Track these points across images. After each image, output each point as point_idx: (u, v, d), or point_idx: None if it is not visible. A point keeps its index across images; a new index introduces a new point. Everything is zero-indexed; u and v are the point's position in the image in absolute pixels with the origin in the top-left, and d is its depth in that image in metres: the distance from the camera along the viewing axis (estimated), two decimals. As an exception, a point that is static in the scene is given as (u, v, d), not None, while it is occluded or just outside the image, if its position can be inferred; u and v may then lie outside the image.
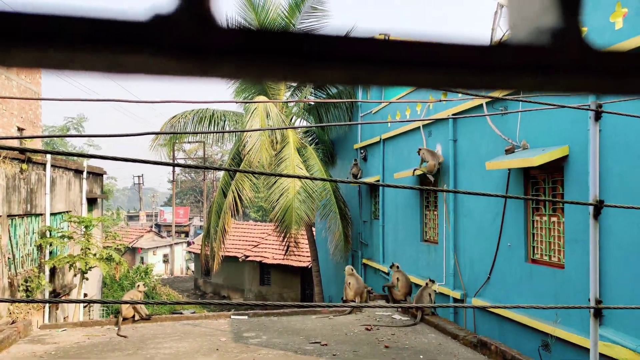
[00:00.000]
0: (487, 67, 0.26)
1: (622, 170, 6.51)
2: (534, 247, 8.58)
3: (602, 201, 2.53)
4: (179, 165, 2.01)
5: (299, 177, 2.51)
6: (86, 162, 17.95)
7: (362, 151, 16.38)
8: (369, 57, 0.24)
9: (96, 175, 18.93)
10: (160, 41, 0.23)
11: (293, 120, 18.05)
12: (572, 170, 7.43)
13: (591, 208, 2.65)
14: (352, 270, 12.08)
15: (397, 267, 11.26)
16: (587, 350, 6.82)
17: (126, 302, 2.10)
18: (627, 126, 6.44)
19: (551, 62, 0.26)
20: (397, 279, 11.20)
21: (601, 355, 6.33)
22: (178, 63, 0.24)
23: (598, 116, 2.58)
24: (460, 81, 0.27)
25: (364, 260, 16.47)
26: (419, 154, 11.31)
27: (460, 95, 10.31)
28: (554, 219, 8.11)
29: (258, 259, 27.69)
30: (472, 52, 0.26)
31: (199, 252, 24.01)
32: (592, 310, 2.61)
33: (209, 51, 0.24)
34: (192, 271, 41.21)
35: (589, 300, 2.75)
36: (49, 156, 13.71)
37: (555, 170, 7.93)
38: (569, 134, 7.46)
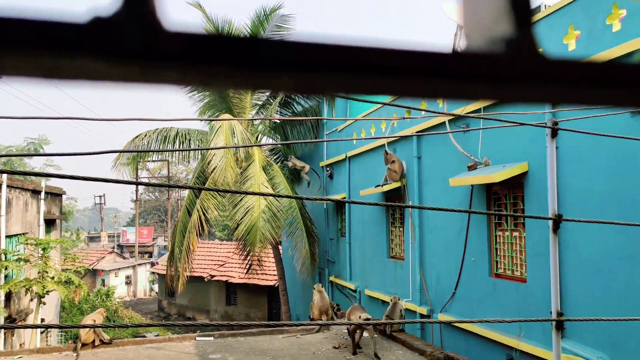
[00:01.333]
0: (441, 75, 0.26)
1: (580, 185, 6.69)
2: (497, 261, 8.71)
3: (561, 215, 2.58)
4: (142, 183, 1.96)
5: (264, 195, 2.49)
6: (44, 182, 17.50)
7: (328, 169, 16.43)
8: (319, 62, 0.23)
9: (55, 195, 18.46)
10: (100, 45, 0.22)
11: (259, 139, 18.01)
12: (531, 185, 7.60)
13: (550, 222, 2.71)
14: (321, 287, 12.05)
15: (318, 286, 11.41)
16: (551, 363, 6.93)
17: (86, 326, 2.02)
18: (583, 143, 6.63)
19: (505, 71, 0.26)
20: (315, 299, 11.32)
21: (564, 367, 6.43)
22: (119, 68, 0.23)
23: (554, 133, 2.65)
24: (413, 88, 0.26)
25: (331, 278, 16.43)
26: (385, 156, 11.40)
27: (423, 113, 10.48)
28: (515, 233, 8.26)
29: (224, 278, 27.33)
30: (426, 59, 0.25)
31: (163, 272, 23.59)
32: (554, 323, 2.65)
33: (151, 56, 0.22)
34: (156, 292, 40.36)
35: (551, 313, 2.79)
36: (4, 176, 13.31)
37: (515, 186, 8.10)
38: (528, 150, 7.64)
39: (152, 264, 44.54)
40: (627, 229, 5.98)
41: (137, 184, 2.25)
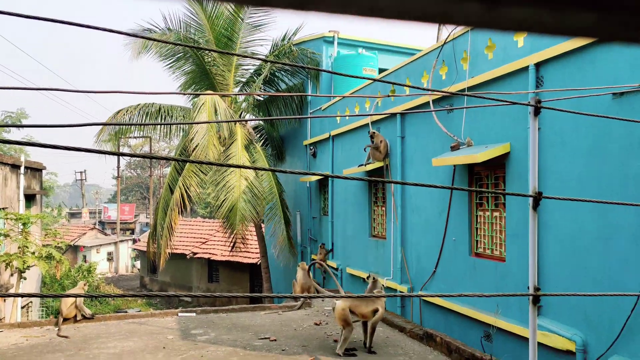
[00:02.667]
0: None
1: (559, 168, 6.79)
2: (477, 241, 8.83)
3: (541, 193, 2.63)
4: (124, 154, 1.96)
5: (248, 168, 2.49)
6: (24, 157, 17.27)
7: (311, 147, 16.42)
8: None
9: (35, 170, 18.23)
10: None
11: (242, 116, 17.90)
12: (513, 166, 7.69)
13: (531, 199, 2.76)
14: (305, 265, 12.17)
15: (300, 265, 11.68)
16: (526, 339, 7.08)
17: (69, 296, 2.03)
18: (564, 125, 6.72)
19: None
20: (298, 276, 11.57)
21: (539, 344, 6.58)
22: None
23: (537, 111, 2.69)
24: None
25: (313, 256, 16.54)
26: (371, 138, 11.43)
27: (407, 91, 10.50)
28: (496, 214, 8.37)
29: (206, 255, 27.37)
30: None
31: (145, 249, 23.51)
32: (531, 298, 2.72)
33: None
34: (138, 269, 40.30)
35: (528, 288, 2.86)
36: (-16, 150, 13.10)
37: (497, 166, 8.19)
38: (511, 131, 7.72)
39: (134, 241, 44.37)
40: (604, 211, 6.11)
41: (120, 154, 2.24)
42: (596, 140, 6.26)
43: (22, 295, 1.93)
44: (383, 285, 10.65)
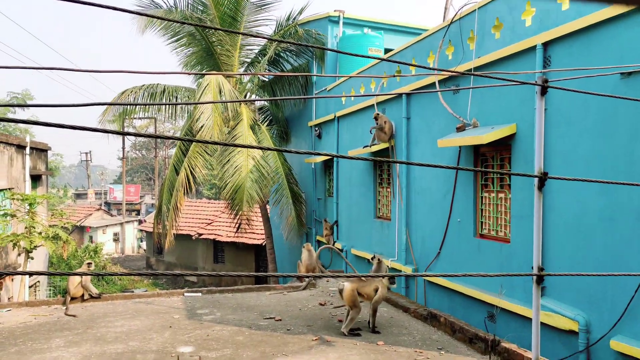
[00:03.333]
0: None
1: (565, 148, 6.76)
2: (482, 222, 8.84)
3: (546, 173, 2.62)
4: (129, 134, 1.96)
5: (254, 147, 2.49)
6: (29, 138, 17.32)
7: (316, 129, 16.39)
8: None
9: (40, 151, 18.29)
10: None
11: (247, 97, 17.85)
12: (519, 147, 7.66)
13: (536, 180, 2.75)
14: (310, 246, 12.23)
15: (307, 246, 11.74)
16: (529, 319, 7.13)
17: (77, 274, 2.05)
18: (570, 106, 6.67)
19: None
20: (303, 256, 11.64)
21: (542, 324, 6.62)
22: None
23: (544, 91, 2.66)
24: None
25: (318, 237, 16.60)
26: (376, 120, 11.39)
27: (413, 71, 10.43)
28: (501, 195, 8.36)
29: (211, 236, 27.54)
30: None
31: (151, 230, 23.65)
32: (534, 278, 2.73)
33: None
34: (144, 250, 40.61)
35: (532, 268, 2.87)
36: (-10, 131, 13.13)
37: (503, 147, 8.16)
38: (517, 112, 7.67)
39: (140, 222, 44.63)
40: (609, 192, 6.09)
41: (124, 134, 2.24)
42: (603, 121, 6.22)
43: (30, 274, 1.95)
44: (388, 266, 10.69)
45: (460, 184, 9.17)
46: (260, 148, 2.19)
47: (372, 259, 10.39)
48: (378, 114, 11.40)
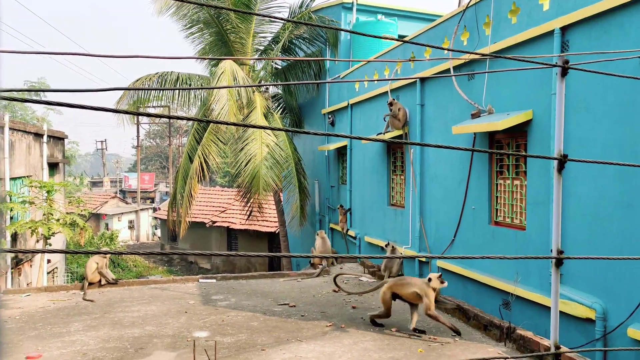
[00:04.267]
0: None
1: (583, 134, 6.68)
2: (497, 209, 8.79)
3: (566, 155, 2.59)
4: (147, 114, 1.97)
5: (269, 128, 2.49)
6: (46, 126, 17.48)
7: (329, 116, 16.35)
8: None
9: (57, 139, 18.46)
10: None
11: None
12: (535, 134, 7.59)
13: (555, 162, 2.72)
14: (324, 233, 12.26)
15: (321, 233, 11.82)
16: (544, 307, 7.10)
17: (98, 252, 2.07)
18: (589, 90, 6.59)
19: None
20: (317, 243, 11.71)
21: (559, 312, 6.58)
22: None
23: (564, 72, 2.63)
24: None
25: (331, 225, 16.63)
26: (390, 106, 11.34)
27: (427, 57, 10.34)
28: (516, 182, 8.30)
29: (225, 224, 27.70)
30: None
31: (165, 218, 23.84)
32: (553, 261, 2.71)
33: None
34: (159, 237, 40.97)
35: (551, 251, 2.85)
36: (6, 119, 13.28)
37: (519, 134, 8.09)
38: (533, 98, 7.59)
39: (154, 209, 45.01)
40: (628, 177, 6.02)
41: (141, 114, 2.25)
42: (621, 106, 6.13)
43: (49, 252, 1.98)
44: (402, 254, 10.69)
45: (475, 171, 9.11)
46: (275, 129, 2.19)
47: (386, 246, 10.38)
48: (393, 100, 11.34)
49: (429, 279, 6.95)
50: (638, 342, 5.83)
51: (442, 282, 7.01)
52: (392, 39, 3.18)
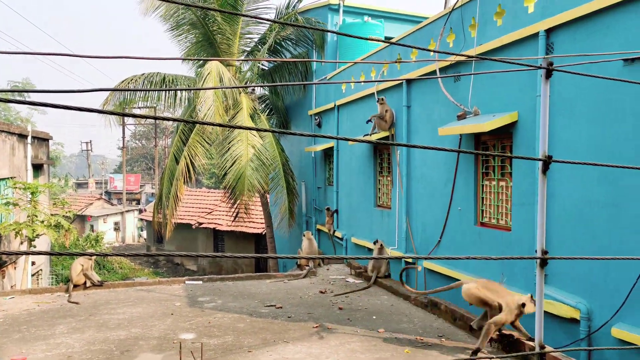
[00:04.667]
0: None
1: (567, 136, 6.75)
2: (482, 210, 8.84)
3: (551, 156, 2.62)
4: (132, 115, 1.96)
5: (255, 129, 2.49)
6: (30, 127, 17.30)
7: (316, 117, 16.36)
8: None
9: (42, 140, 18.27)
10: None
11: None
12: (520, 135, 7.65)
13: (540, 163, 2.74)
14: (310, 235, 12.26)
15: (308, 234, 11.84)
16: (531, 307, 7.15)
17: (83, 254, 2.05)
18: (573, 93, 6.65)
19: None
20: (303, 244, 11.75)
21: (544, 312, 6.64)
22: None
23: (549, 74, 2.65)
24: None
25: (318, 226, 16.63)
26: (379, 105, 11.37)
27: (414, 58, 10.39)
28: (502, 183, 8.36)
29: (212, 225, 27.60)
30: None
31: (151, 219, 23.69)
32: (538, 261, 2.74)
33: None
34: (145, 239, 40.70)
35: (536, 252, 2.87)
36: (-10, 120, 13.09)
37: (504, 135, 8.15)
38: (518, 100, 7.65)
39: (140, 211, 44.71)
40: (612, 179, 6.09)
41: (125, 115, 2.24)
42: (605, 108, 6.20)
43: (32, 253, 1.96)
44: (389, 254, 10.72)
45: (461, 172, 9.17)
46: (260, 130, 2.19)
47: (374, 243, 10.40)
48: (382, 99, 11.36)
49: (523, 304, 6.03)
50: (622, 341, 5.90)
51: (533, 308, 5.89)
52: (379, 41, 3.20)
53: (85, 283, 9.92)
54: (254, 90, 17.99)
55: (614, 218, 6.08)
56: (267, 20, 2.68)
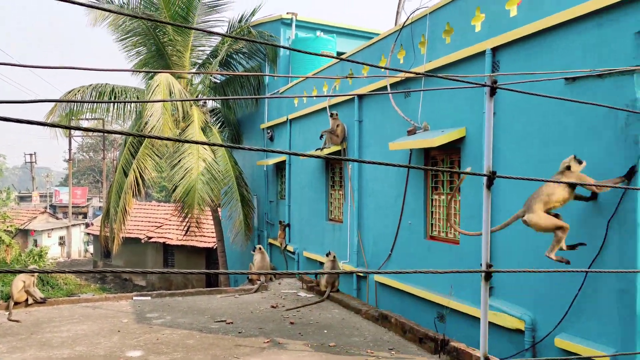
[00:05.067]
0: None
1: (512, 153, 6.97)
2: (432, 224, 9.00)
3: (494, 172, 2.70)
4: (77, 128, 1.90)
5: (206, 144, 2.46)
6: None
7: (268, 131, 16.34)
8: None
9: (-18, 151, 17.52)
10: None
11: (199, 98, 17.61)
12: (468, 150, 7.85)
13: (484, 178, 2.83)
14: (261, 248, 12.17)
15: (259, 248, 11.80)
16: (477, 319, 7.28)
17: (27, 271, 1.97)
18: (517, 111, 6.89)
19: None
20: (255, 259, 11.71)
21: (490, 323, 6.78)
22: None
23: (493, 91, 2.75)
24: None
25: (270, 240, 16.54)
26: (331, 120, 11.45)
27: (365, 74, 10.53)
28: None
29: (161, 240, 27.06)
30: None
31: (98, 233, 23.01)
32: (483, 274, 2.80)
33: None
34: (91, 254, 39.47)
35: (481, 265, 2.94)
36: None
37: (453, 150, 8.34)
38: (466, 116, 7.85)
39: (87, 225, 43.39)
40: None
41: (72, 128, 2.18)
42: (548, 126, 6.44)
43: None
44: (341, 267, 10.76)
45: (411, 187, 9.32)
46: (211, 144, 2.16)
47: (327, 255, 10.43)
48: (334, 113, 11.46)
49: (568, 167, 5.50)
50: (565, 351, 6.08)
51: (580, 163, 5.61)
52: (331, 57, 3.23)
53: (27, 300, 9.52)
54: (205, 103, 17.83)
55: (556, 231, 6.27)
56: (219, 34, 2.67)
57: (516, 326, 6.74)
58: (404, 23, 9.28)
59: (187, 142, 2.11)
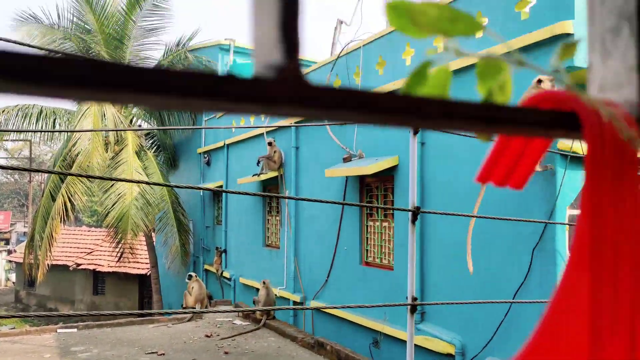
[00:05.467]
0: (217, 95, 0.29)
1: (445, 179, 7.19)
2: (367, 250, 9.11)
3: (419, 207, 2.79)
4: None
5: (138, 182, 2.41)
6: None
7: (205, 155, 16.15)
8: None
9: None
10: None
11: (133, 122, 17.23)
12: (401, 178, 8.03)
13: (410, 214, 2.91)
14: (196, 276, 11.93)
15: (195, 276, 11.64)
16: (411, 345, 7.41)
17: None
18: (448, 138, 7.13)
19: (273, 94, 0.30)
20: (192, 287, 11.52)
21: (422, 347, 6.91)
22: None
23: (416, 130, 2.85)
24: (197, 106, 0.29)
25: (206, 266, 16.23)
26: (269, 147, 11.45)
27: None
28: (385, 224, 8.69)
29: (91, 267, 25.98)
30: (206, 80, 0.28)
31: (21, 261, 21.86)
32: (408, 307, 2.86)
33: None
34: (13, 283, 37.37)
35: (407, 298, 3.01)
36: None
37: (386, 178, 8.52)
38: (399, 145, 8.05)
39: (9, 252, 41.17)
40: (483, 222, 6.52)
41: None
42: (478, 154, 6.68)
43: None
44: (276, 295, 10.68)
45: (347, 213, 9.42)
46: (146, 183, 2.12)
47: (263, 284, 10.34)
48: (272, 141, 11.48)
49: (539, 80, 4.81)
50: (493, 374, 6.25)
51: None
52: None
53: (-62, 336, 8.89)
54: (140, 126, 17.46)
55: (485, 258, 6.49)
56: (153, 60, 2.63)
57: (447, 350, 6.88)
58: (339, 54, 9.48)
59: (120, 180, 2.06)
